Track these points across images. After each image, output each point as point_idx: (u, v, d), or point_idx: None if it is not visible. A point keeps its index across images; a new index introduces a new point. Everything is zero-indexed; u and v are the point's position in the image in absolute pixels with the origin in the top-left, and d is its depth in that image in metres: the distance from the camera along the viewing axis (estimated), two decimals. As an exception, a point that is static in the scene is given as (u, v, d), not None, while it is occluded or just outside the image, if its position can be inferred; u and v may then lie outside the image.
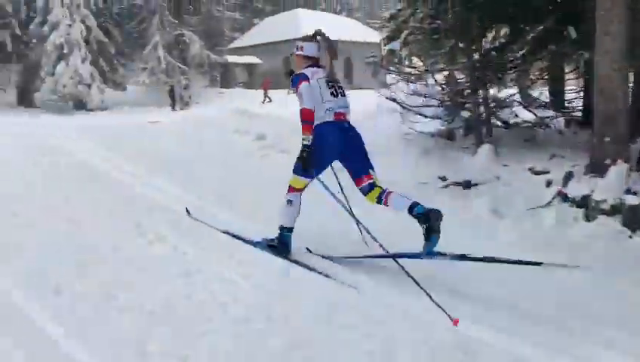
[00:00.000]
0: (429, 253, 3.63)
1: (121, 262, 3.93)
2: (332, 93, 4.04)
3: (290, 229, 4.17)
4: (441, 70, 7.94)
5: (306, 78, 4.00)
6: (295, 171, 4.09)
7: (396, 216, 4.07)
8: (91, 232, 4.62)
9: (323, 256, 4.12)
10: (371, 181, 3.95)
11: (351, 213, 4.14)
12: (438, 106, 8.06)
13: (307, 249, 4.29)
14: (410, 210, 3.65)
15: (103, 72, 27.82)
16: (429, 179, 6.32)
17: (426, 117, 7.80)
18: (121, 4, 28.66)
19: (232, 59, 37.12)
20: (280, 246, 4.18)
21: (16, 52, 27.95)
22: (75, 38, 25.46)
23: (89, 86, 26.20)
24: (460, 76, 8.22)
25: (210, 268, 3.83)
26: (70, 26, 25.45)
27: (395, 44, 7.55)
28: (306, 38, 4.27)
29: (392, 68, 8.13)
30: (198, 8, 31.29)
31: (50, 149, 9.30)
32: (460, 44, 7.38)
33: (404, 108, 7.94)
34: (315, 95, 3.97)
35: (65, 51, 25.43)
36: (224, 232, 4.64)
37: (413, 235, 3.72)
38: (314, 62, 4.18)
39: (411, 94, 7.79)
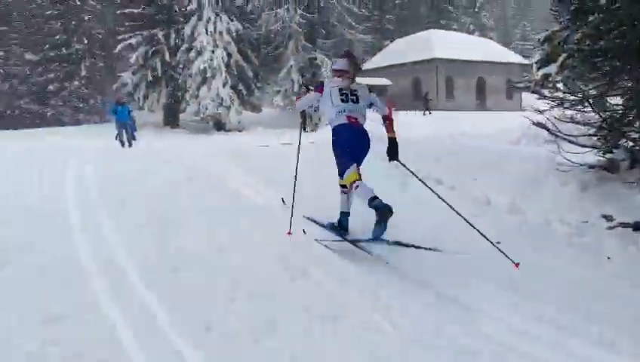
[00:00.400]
0: (375, 238, 4.46)
1: (266, 298, 3.83)
2: (342, 100, 4.94)
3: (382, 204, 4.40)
4: (601, 95, 7.16)
5: (319, 88, 5.13)
6: (341, 173, 4.97)
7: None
8: (236, 262, 4.60)
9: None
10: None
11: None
12: (594, 135, 7.28)
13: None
14: (371, 201, 4.38)
15: (241, 95, 29.28)
16: (591, 218, 5.63)
17: (583, 146, 7.05)
18: (259, 30, 29.98)
19: (361, 80, 37.37)
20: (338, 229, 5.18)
21: (164, 76, 30.35)
22: (217, 63, 27.08)
23: (228, 108, 27.71)
24: (614, 101, 7.40)
25: (356, 311, 3.60)
26: (213, 52, 27.11)
27: (551, 68, 6.94)
28: (338, 55, 5.39)
29: (545, 92, 7.47)
30: (331, 32, 31.89)
31: (195, 170, 9.73)
32: (626, 67, 6.61)
33: (556, 136, 7.25)
34: (326, 100, 5.03)
35: (208, 75, 27.13)
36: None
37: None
38: (342, 73, 5.07)
39: (568, 121, 7.07)
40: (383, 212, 4.29)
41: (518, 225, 5.70)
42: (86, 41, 36.57)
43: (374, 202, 4.37)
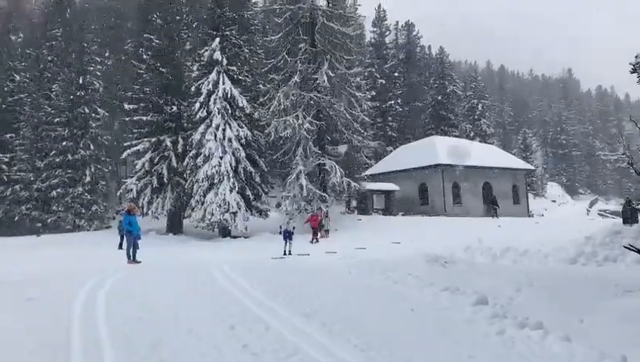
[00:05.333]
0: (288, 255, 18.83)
1: None
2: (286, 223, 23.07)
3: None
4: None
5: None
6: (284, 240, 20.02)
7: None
8: None
9: None
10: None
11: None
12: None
13: None
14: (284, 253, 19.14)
15: (248, 200, 28.54)
16: None
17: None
18: (268, 136, 29.67)
19: (369, 186, 37.03)
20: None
21: (170, 182, 29.80)
22: (225, 168, 26.59)
23: (235, 214, 26.84)
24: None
25: None
26: (221, 158, 26.71)
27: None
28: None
29: None
30: (339, 139, 31.80)
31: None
32: None
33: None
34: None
35: (215, 181, 26.56)
36: None
37: None
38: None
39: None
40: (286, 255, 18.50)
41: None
42: (92, 147, 36.37)
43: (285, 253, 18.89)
